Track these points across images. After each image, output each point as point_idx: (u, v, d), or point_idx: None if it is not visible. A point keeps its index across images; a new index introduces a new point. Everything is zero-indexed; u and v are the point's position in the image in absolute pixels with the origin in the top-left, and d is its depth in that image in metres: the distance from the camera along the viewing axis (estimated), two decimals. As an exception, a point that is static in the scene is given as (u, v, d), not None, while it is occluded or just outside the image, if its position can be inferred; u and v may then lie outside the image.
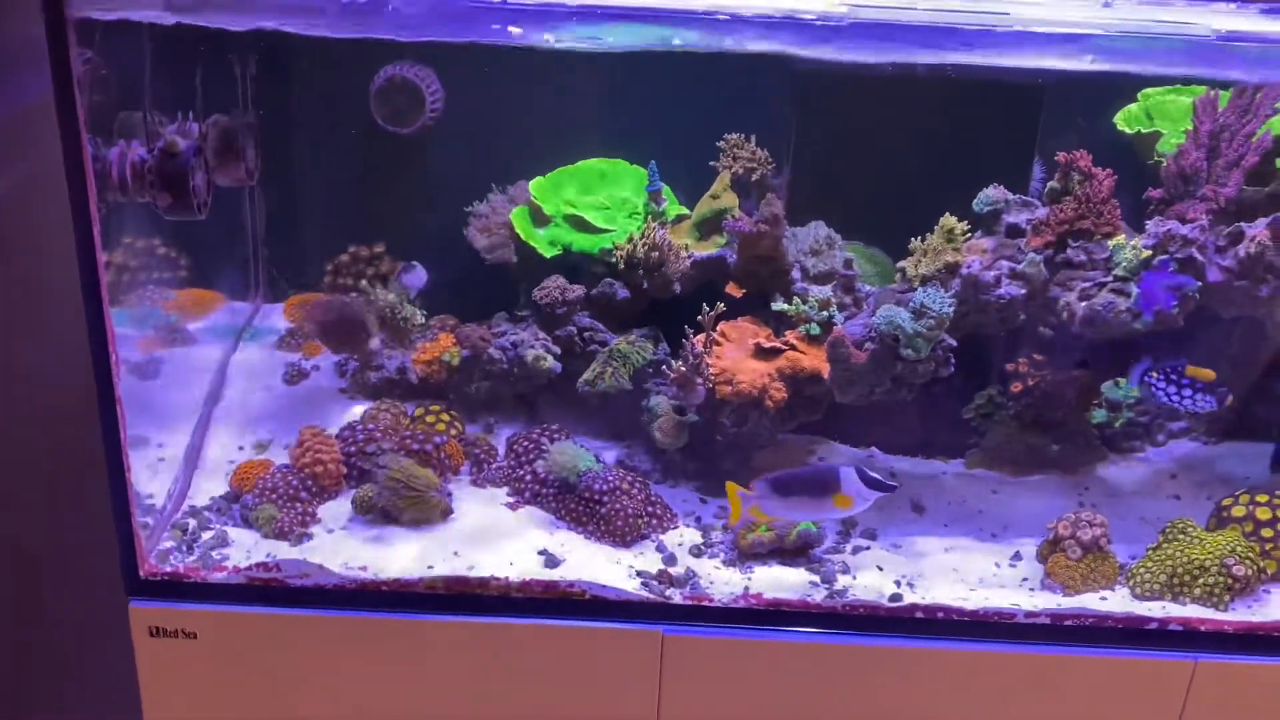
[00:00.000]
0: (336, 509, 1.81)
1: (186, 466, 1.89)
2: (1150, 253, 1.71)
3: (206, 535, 1.76)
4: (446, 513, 1.78)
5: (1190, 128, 1.81)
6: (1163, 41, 1.51)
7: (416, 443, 1.82)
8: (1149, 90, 1.96)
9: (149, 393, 1.92)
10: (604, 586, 1.69)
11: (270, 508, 1.76)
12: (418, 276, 2.04)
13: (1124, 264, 1.70)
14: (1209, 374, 1.78)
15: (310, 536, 1.76)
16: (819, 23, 1.47)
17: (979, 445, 2.10)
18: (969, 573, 1.80)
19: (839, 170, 2.08)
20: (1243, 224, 1.76)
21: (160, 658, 1.67)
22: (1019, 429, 2.05)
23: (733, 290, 1.97)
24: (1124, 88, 2.01)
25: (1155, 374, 1.81)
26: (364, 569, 1.69)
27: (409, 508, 1.75)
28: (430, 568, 1.70)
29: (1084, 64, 1.68)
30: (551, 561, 1.73)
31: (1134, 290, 1.70)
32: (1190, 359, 2.10)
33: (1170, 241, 1.74)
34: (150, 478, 1.80)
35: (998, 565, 1.82)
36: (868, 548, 1.84)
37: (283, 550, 1.73)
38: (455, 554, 1.73)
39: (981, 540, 1.90)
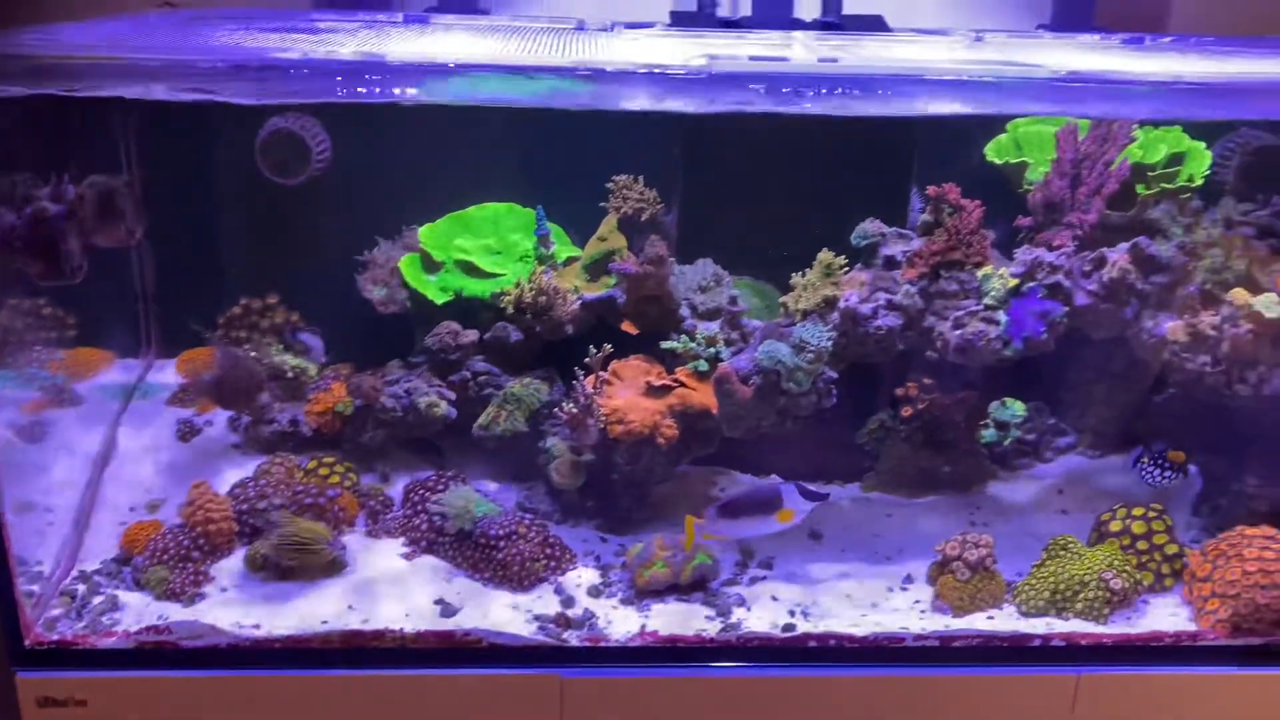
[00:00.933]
0: (230, 567, 1.80)
1: (76, 530, 1.86)
2: (1017, 281, 1.78)
3: (96, 600, 1.73)
4: (340, 566, 1.78)
5: (1054, 157, 1.88)
6: (1024, 80, 1.57)
7: (309, 496, 1.81)
8: (1018, 121, 2.03)
9: (35, 456, 1.89)
10: (500, 633, 1.70)
11: (161, 569, 1.74)
12: (315, 344, 2.05)
13: (992, 293, 1.76)
14: (1181, 456, 1.92)
15: (203, 597, 1.74)
16: (686, 75, 1.50)
17: (874, 469, 2.16)
18: (863, 598, 1.84)
19: (727, 208, 2.12)
20: (1105, 249, 1.83)
21: (50, 728, 1.64)
22: (911, 451, 2.11)
23: (629, 329, 2.00)
24: (997, 120, 2.08)
25: (1146, 460, 1.94)
26: (257, 627, 1.68)
27: (302, 563, 1.74)
28: (324, 623, 1.69)
29: (954, 104, 1.74)
30: (448, 610, 1.73)
31: (1003, 318, 1.76)
32: (1070, 380, 2.19)
33: (1038, 269, 1.81)
34: (38, 543, 1.77)
35: (890, 589, 1.86)
36: (764, 578, 1.87)
37: (175, 612, 1.70)
38: (350, 608, 1.72)
39: (876, 564, 1.94)
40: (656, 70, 1.48)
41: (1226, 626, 1.74)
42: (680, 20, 2.17)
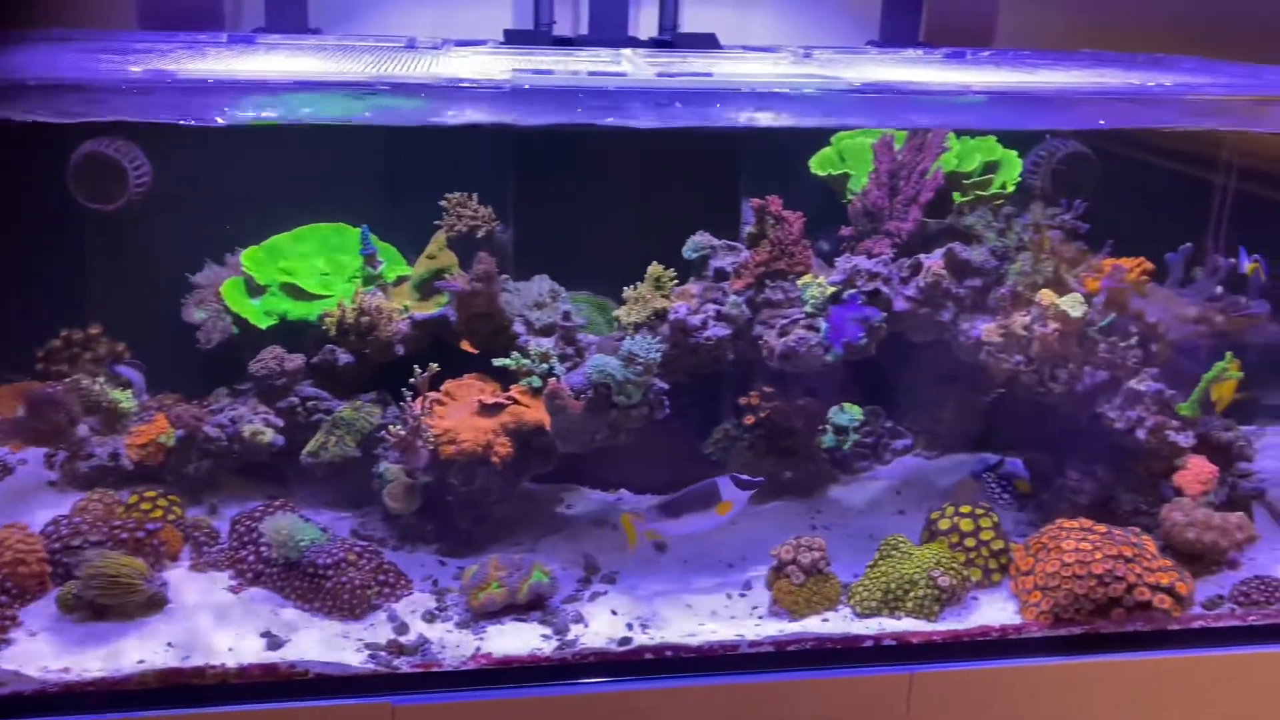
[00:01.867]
0: (42, 610, 1.71)
1: (-126, 580, 1.75)
2: (835, 289, 1.82)
3: (-105, 652, 1.63)
4: (161, 603, 1.71)
5: (870, 168, 1.94)
6: (824, 92, 1.62)
7: (126, 531, 1.74)
8: (841, 134, 2.08)
9: None
10: (327, 664, 1.65)
11: (-37, 616, 1.65)
12: (135, 378, 1.98)
13: (811, 301, 1.80)
14: (1027, 488, 2.02)
15: (9, 643, 1.65)
16: (491, 89, 1.50)
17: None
18: (703, 607, 1.84)
19: (565, 224, 2.13)
20: (922, 256, 1.89)
21: None
22: (755, 459, 2.13)
23: (467, 347, 1.98)
24: (823, 133, 2.14)
25: (989, 474, 2.00)
26: (66, 671, 1.60)
27: (118, 602, 1.67)
28: (140, 662, 1.62)
29: (781, 117, 1.77)
30: (275, 643, 1.68)
31: (823, 325, 1.80)
32: (905, 383, 2.25)
33: (857, 276, 1.85)
34: None
35: (729, 597, 1.88)
36: (606, 593, 1.86)
37: (-22, 660, 1.62)
38: (169, 645, 1.66)
39: (719, 573, 1.95)
40: (459, 84, 1.48)
41: (1049, 618, 1.80)
42: (514, 39, 2.18)
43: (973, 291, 1.88)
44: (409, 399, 1.78)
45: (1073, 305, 1.78)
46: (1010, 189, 1.99)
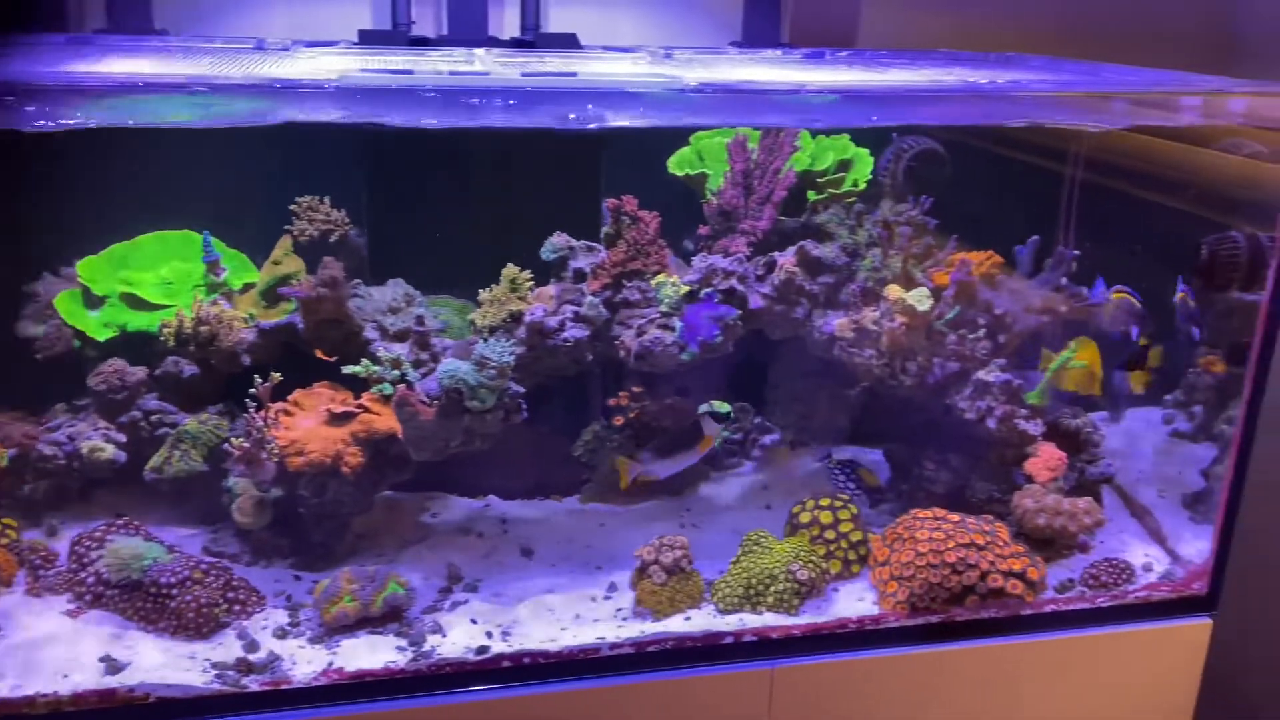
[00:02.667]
0: None
1: None
2: (689, 288, 1.82)
3: None
4: (-9, 631, 1.63)
5: (726, 168, 1.95)
6: (693, 93, 1.61)
7: (-47, 557, 1.66)
8: (700, 133, 2.09)
9: None
10: (170, 686, 1.59)
11: None
12: None
13: (666, 301, 1.80)
14: (874, 480, 2.09)
15: None
16: (315, 89, 1.46)
17: (591, 480, 2.17)
18: (566, 611, 1.83)
19: (423, 227, 2.09)
20: (776, 254, 1.91)
21: None
22: (626, 460, 2.13)
23: (322, 355, 1.93)
24: (680, 133, 2.14)
25: (835, 465, 2.06)
26: (-119, 709, 1.52)
27: (-59, 631, 1.59)
28: (-34, 695, 1.55)
29: (631, 117, 1.76)
30: (114, 667, 1.61)
31: (678, 324, 1.80)
32: (772, 380, 2.27)
33: (713, 275, 1.86)
34: None
35: (594, 599, 1.87)
36: (466, 601, 1.83)
37: None
38: (-2, 675, 1.59)
39: (586, 575, 1.94)
40: (285, 84, 1.44)
41: (905, 607, 1.83)
42: (369, 39, 2.13)
43: (826, 288, 1.90)
44: (252, 410, 1.73)
45: (919, 300, 1.81)
46: (862, 186, 2.01)
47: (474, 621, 1.78)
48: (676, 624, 1.80)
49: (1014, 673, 1.88)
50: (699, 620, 1.81)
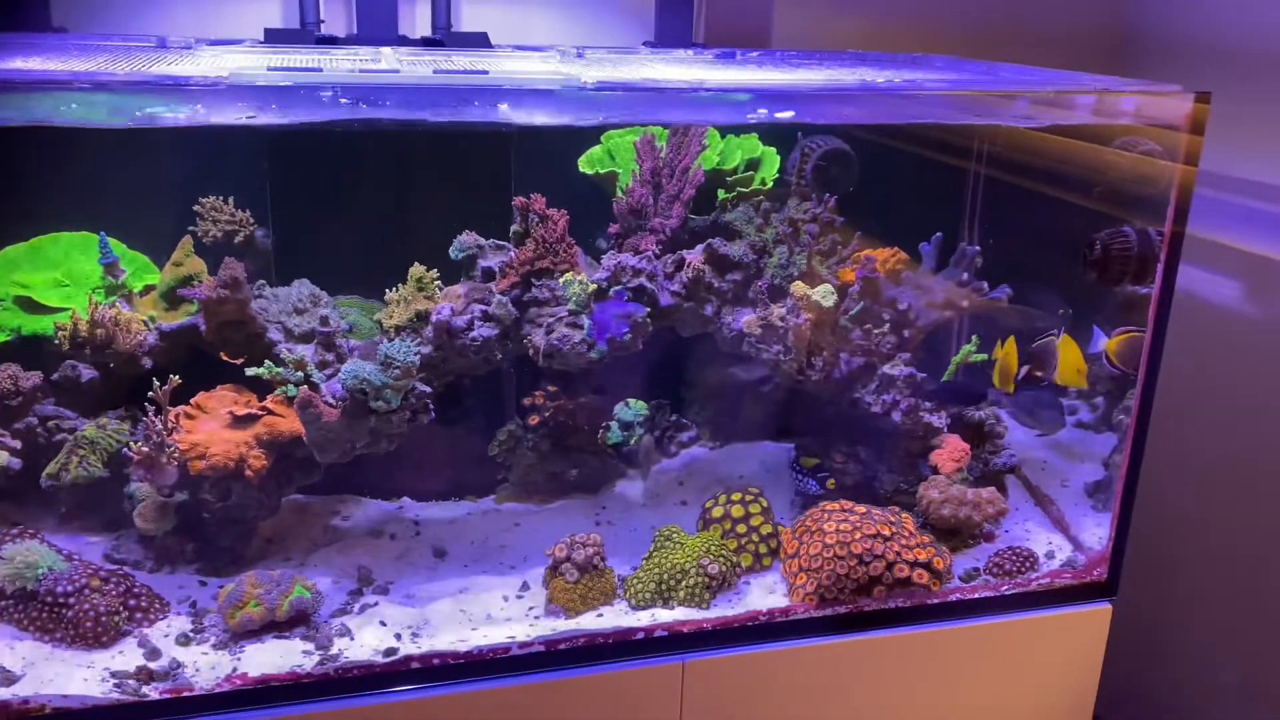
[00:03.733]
0: None
1: None
2: (596, 286, 1.83)
3: None
4: (-124, 645, 1.58)
5: (635, 167, 1.96)
6: (594, 91, 1.61)
7: None
8: (611, 131, 2.10)
9: None
10: (66, 696, 1.56)
11: None
12: None
13: (574, 299, 1.80)
14: (814, 461, 2.08)
15: None
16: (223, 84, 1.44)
17: (507, 480, 2.16)
18: (478, 612, 1.83)
19: (332, 227, 2.07)
20: (685, 252, 1.92)
21: None
22: (540, 459, 2.13)
23: (226, 358, 1.90)
24: (591, 132, 2.15)
25: (798, 467, 2.08)
26: None
27: None
28: None
29: (534, 114, 1.76)
30: (9, 679, 1.57)
31: (587, 322, 1.81)
32: (687, 377, 2.29)
33: (622, 273, 1.87)
34: None
35: (506, 599, 1.86)
36: (377, 604, 1.82)
37: None
38: (-117, 691, 1.54)
39: (500, 575, 1.93)
40: (172, 81, 1.41)
41: (814, 599, 1.86)
42: (275, 38, 2.11)
43: (734, 285, 1.92)
44: (151, 413, 1.70)
45: (824, 296, 1.84)
46: (770, 185, 2.04)
47: (383, 624, 1.77)
48: (589, 621, 1.81)
49: (922, 661, 1.91)
50: (611, 617, 1.82)
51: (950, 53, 2.55)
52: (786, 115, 1.77)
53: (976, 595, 1.93)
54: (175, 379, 1.70)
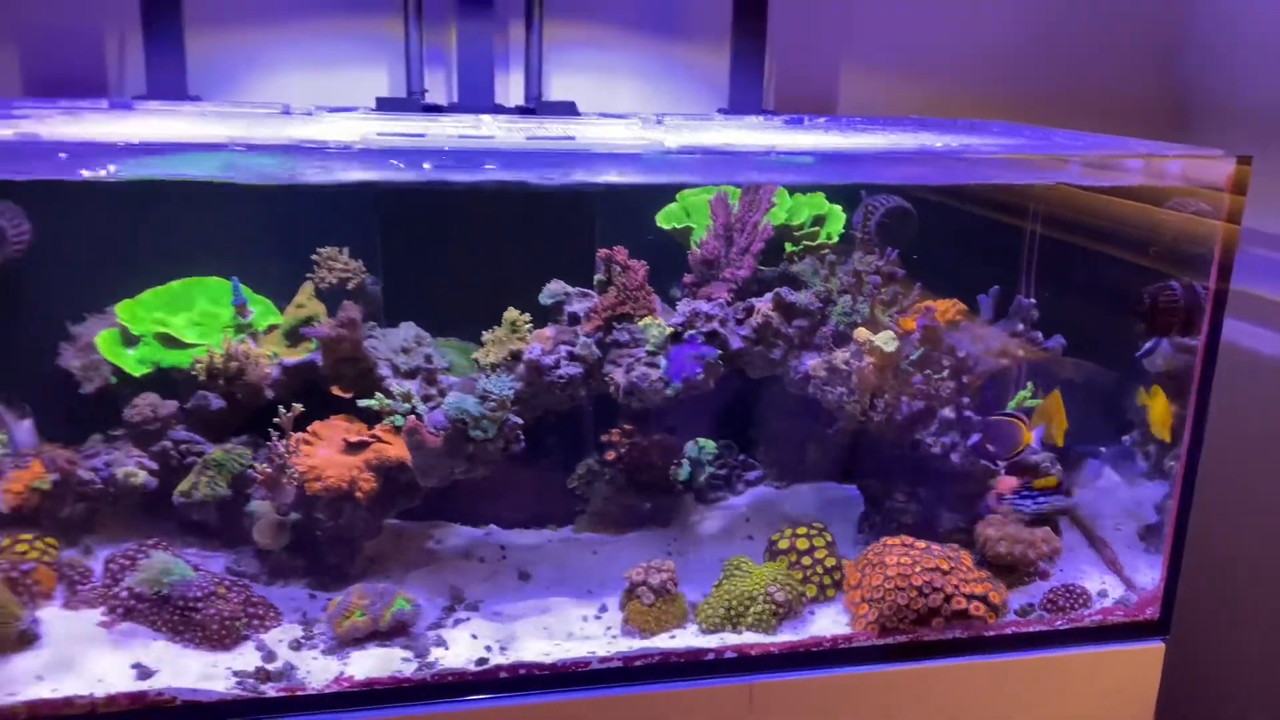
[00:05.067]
0: (-89, 651, 1.77)
1: None
2: (673, 329, 1.99)
3: None
4: (32, 639, 1.78)
5: (709, 222, 2.13)
6: (676, 154, 1.80)
7: (0, 570, 1.81)
8: (685, 191, 2.28)
9: None
10: (194, 690, 1.74)
11: None
12: (25, 432, 2.05)
13: (652, 341, 1.97)
14: (1053, 481, 2.16)
15: (-122, 682, 1.70)
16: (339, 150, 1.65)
17: (585, 511, 2.32)
18: (560, 629, 1.97)
19: (434, 276, 2.27)
20: (754, 299, 2.08)
21: None
22: (616, 492, 2.28)
23: (338, 392, 2.10)
24: (669, 190, 2.33)
25: (1014, 495, 2.15)
26: (-68, 707, 1.66)
27: (-12, 637, 1.73)
28: (11, 694, 1.69)
29: (629, 176, 1.95)
30: (144, 673, 1.76)
31: (664, 362, 1.97)
32: (755, 419, 2.43)
33: (696, 318, 2.03)
34: None
35: (585, 619, 2.01)
36: (468, 619, 1.98)
37: None
38: (39, 678, 1.73)
39: (579, 598, 2.08)
40: (314, 145, 1.63)
41: (875, 627, 1.97)
42: (385, 106, 2.34)
43: (800, 331, 2.07)
44: (275, 438, 1.89)
45: (886, 341, 1.98)
46: (835, 239, 2.20)
47: (474, 637, 1.92)
48: (662, 642, 1.94)
49: (977, 691, 2.01)
50: (683, 639, 1.95)
51: (1008, 119, 2.70)
52: (849, 177, 1.93)
53: (1031, 629, 2.02)
54: (299, 407, 1.90)
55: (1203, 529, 2.11)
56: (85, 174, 1.63)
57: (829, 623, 2.01)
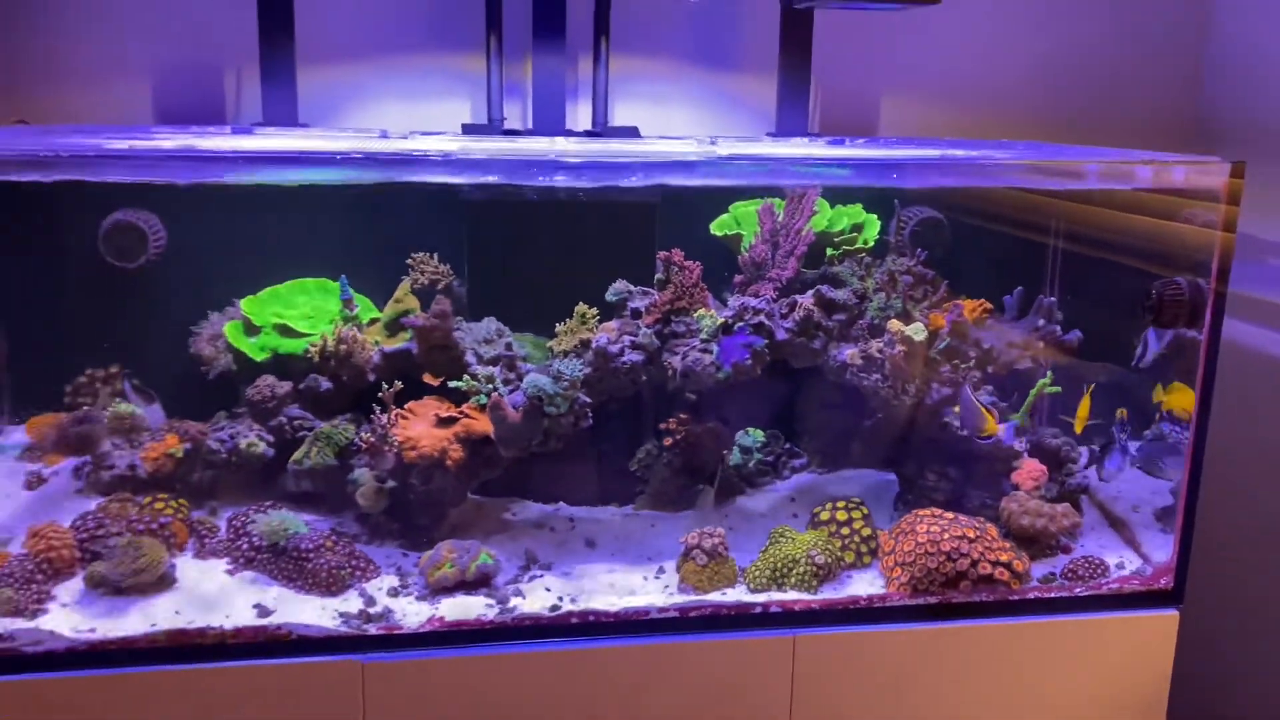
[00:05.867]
0: (72, 587, 2.06)
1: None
2: (724, 320, 2.24)
3: (-55, 622, 1.97)
4: (170, 582, 2.06)
5: (757, 229, 2.39)
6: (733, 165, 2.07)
7: (143, 523, 2.10)
8: (737, 204, 2.54)
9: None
10: (307, 626, 2.01)
11: (7, 590, 1.99)
12: (154, 414, 2.36)
13: (705, 330, 2.22)
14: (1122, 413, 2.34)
15: (45, 611, 1.99)
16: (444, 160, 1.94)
17: (644, 491, 2.56)
18: (623, 587, 2.21)
19: (512, 278, 2.56)
20: (798, 296, 2.33)
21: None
22: (673, 474, 2.52)
23: (428, 379, 2.38)
24: (719, 200, 2.60)
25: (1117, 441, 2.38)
26: (93, 631, 1.94)
27: (135, 574, 2.01)
28: (154, 625, 1.97)
29: (686, 178, 2.21)
30: (264, 613, 2.03)
31: (715, 349, 2.22)
32: (798, 411, 2.66)
33: (745, 312, 2.28)
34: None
35: (645, 579, 2.24)
36: (542, 576, 2.22)
37: (19, 626, 1.96)
38: (176, 613, 2.01)
39: (640, 563, 2.31)
40: (419, 155, 1.92)
41: (907, 589, 2.17)
42: (470, 130, 2.64)
43: (839, 324, 2.31)
44: (378, 412, 2.18)
45: (915, 331, 2.21)
46: (871, 244, 2.44)
47: (548, 590, 2.17)
48: (714, 599, 2.17)
49: (1002, 651, 2.19)
50: (733, 596, 2.18)
51: (1039, 141, 2.93)
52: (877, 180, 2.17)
53: (1052, 595, 2.21)
54: (399, 384, 2.18)
55: (1214, 509, 2.29)
56: (229, 179, 1.94)
57: (865, 585, 2.22)
